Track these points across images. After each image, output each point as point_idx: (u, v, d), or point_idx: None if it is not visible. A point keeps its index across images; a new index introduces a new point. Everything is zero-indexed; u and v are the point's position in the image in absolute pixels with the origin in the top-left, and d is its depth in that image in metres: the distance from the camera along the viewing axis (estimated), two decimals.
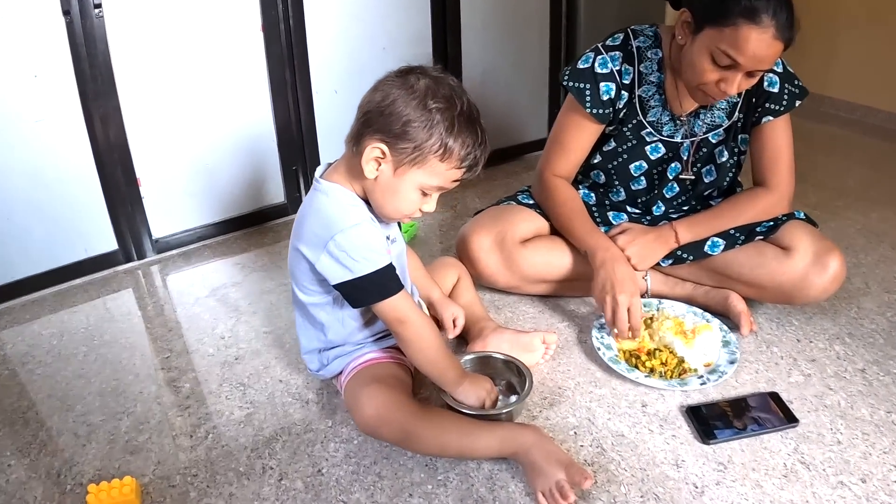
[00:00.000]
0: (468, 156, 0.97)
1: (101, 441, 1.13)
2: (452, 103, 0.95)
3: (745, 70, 1.16)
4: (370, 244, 1.00)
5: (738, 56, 1.13)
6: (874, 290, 1.54)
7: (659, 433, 1.11)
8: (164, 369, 1.32)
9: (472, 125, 0.97)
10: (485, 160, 1.01)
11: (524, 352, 1.23)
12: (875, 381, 1.23)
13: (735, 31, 1.12)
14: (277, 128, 1.86)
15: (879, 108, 2.69)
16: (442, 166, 0.97)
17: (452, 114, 0.95)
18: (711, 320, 1.34)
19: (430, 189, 1.00)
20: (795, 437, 1.09)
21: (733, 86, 1.18)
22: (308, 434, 1.13)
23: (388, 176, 0.98)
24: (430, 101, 0.94)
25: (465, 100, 0.97)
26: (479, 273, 1.43)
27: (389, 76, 0.99)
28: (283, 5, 1.74)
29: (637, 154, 1.40)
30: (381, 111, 0.95)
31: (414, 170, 0.97)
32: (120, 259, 1.74)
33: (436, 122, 0.94)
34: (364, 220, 1.01)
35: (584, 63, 1.35)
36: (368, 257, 0.99)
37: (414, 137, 0.94)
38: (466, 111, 0.96)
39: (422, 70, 0.98)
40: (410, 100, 0.94)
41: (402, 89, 0.95)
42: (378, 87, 0.98)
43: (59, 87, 1.52)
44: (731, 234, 1.35)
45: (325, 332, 1.14)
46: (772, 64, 1.16)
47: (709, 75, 1.19)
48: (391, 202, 1.01)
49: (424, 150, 0.95)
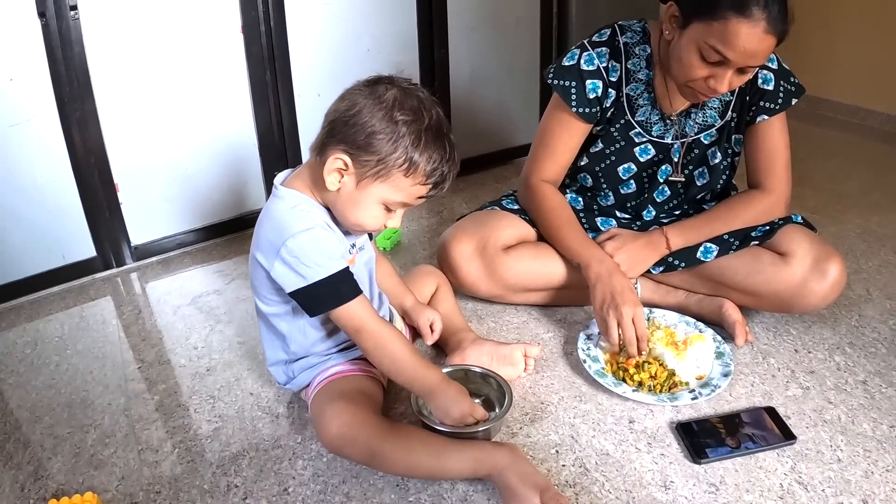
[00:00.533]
0: (434, 171, 0.94)
1: (67, 454, 1.10)
2: (420, 116, 0.93)
3: (736, 66, 1.11)
4: (322, 249, 0.96)
5: (728, 51, 1.08)
6: (876, 296, 1.49)
7: (647, 452, 1.06)
8: (134, 380, 1.29)
9: (439, 140, 0.94)
10: (453, 177, 0.98)
11: (505, 365, 1.18)
12: (877, 393, 1.18)
13: (724, 24, 1.07)
14: (258, 132, 1.82)
15: (878, 110, 2.67)
16: (406, 181, 0.94)
17: (419, 127, 0.92)
18: (704, 330, 1.28)
19: (394, 205, 0.98)
20: (793, 455, 1.04)
21: (723, 83, 1.13)
22: (276, 450, 1.09)
23: (350, 189, 0.96)
24: (396, 113, 0.91)
25: (434, 113, 0.95)
26: (459, 281, 1.38)
27: (357, 85, 0.96)
28: (263, 6, 1.70)
29: (625, 156, 1.35)
30: (346, 121, 0.93)
31: (377, 184, 0.94)
32: (98, 266, 1.71)
33: (401, 135, 0.91)
34: (317, 224, 0.97)
35: (569, 60, 1.31)
36: (321, 263, 0.96)
37: (378, 150, 0.92)
38: (435, 125, 0.94)
39: (391, 80, 0.96)
40: (377, 111, 0.92)
41: (368, 99, 0.93)
42: (345, 96, 0.96)
43: (34, 91, 1.49)
44: (725, 240, 1.30)
45: (288, 344, 1.10)
46: (764, 59, 1.11)
47: (697, 72, 1.14)
48: (353, 215, 0.98)
49: (388, 164, 0.92)
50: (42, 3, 1.44)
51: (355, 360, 1.13)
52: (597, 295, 1.23)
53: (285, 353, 1.12)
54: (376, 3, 1.88)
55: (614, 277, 1.24)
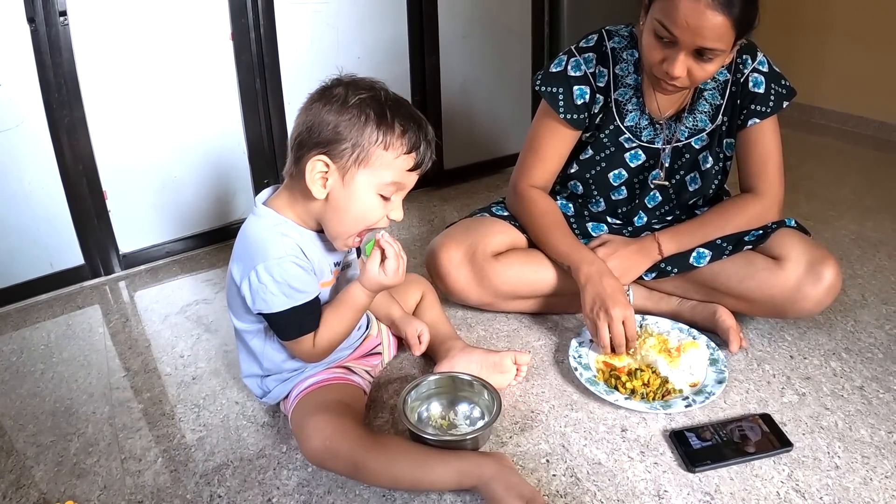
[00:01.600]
0: (410, 137, 0.94)
1: (49, 463, 1.09)
2: (375, 92, 0.94)
3: (686, 47, 1.08)
4: (290, 280, 0.96)
5: (672, 27, 1.07)
6: (871, 301, 1.48)
7: (639, 460, 1.03)
8: (119, 389, 1.28)
9: (403, 108, 0.95)
10: (433, 144, 0.98)
11: (495, 372, 1.16)
12: (874, 398, 1.16)
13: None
14: (248, 140, 1.80)
15: (871, 117, 2.67)
16: (389, 155, 0.93)
17: (377, 99, 0.93)
18: (698, 337, 1.26)
19: (387, 188, 0.96)
20: (789, 462, 1.02)
21: (675, 65, 1.10)
22: (260, 460, 1.06)
23: (338, 188, 0.95)
24: (350, 98, 0.92)
25: (388, 89, 0.96)
26: (448, 289, 1.36)
27: (307, 99, 0.97)
28: (253, 13, 1.69)
29: (616, 162, 1.34)
30: (309, 128, 0.94)
31: (362, 170, 0.94)
32: (86, 274, 1.70)
33: (364, 112, 0.92)
34: (288, 253, 0.96)
35: (556, 66, 1.30)
36: (287, 293, 0.96)
37: (348, 135, 0.92)
38: (392, 97, 0.95)
39: (336, 80, 0.97)
40: (332, 106, 0.93)
41: (320, 102, 0.94)
42: (300, 113, 0.97)
43: (23, 97, 1.48)
44: (717, 245, 1.28)
45: (261, 360, 1.09)
46: (718, 42, 1.07)
47: (653, 54, 1.13)
48: (350, 215, 0.96)
49: (364, 144, 0.92)
50: (31, 9, 1.43)
51: (334, 368, 1.11)
52: (587, 297, 1.22)
53: (259, 369, 1.10)
54: (367, 10, 1.87)
55: (605, 279, 1.22)
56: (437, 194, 2.14)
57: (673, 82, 1.14)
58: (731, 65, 1.26)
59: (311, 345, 1.01)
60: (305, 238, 1.00)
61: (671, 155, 1.33)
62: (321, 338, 1.02)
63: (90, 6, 1.50)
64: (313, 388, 1.06)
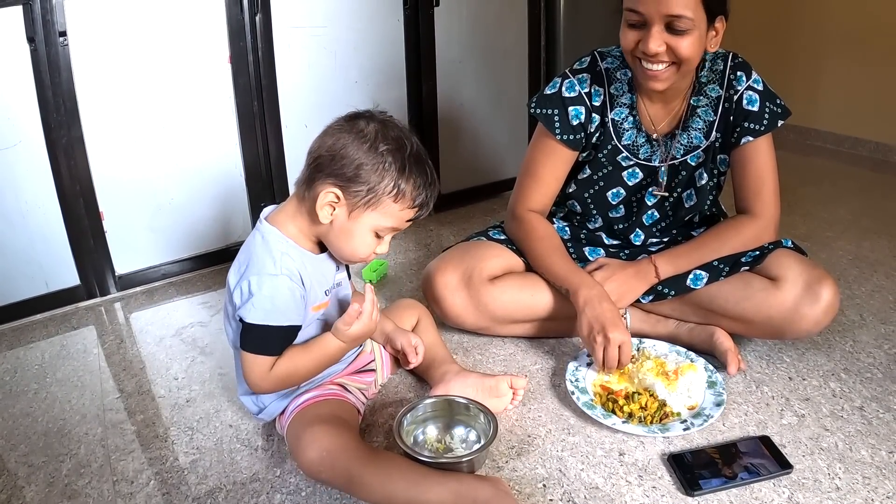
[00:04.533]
0: (420, 195, 1.01)
1: (40, 483, 1.08)
2: (402, 145, 0.99)
3: (655, 21, 1.11)
4: (276, 301, 0.98)
5: (637, 4, 1.11)
6: (870, 321, 1.47)
7: (637, 484, 1.02)
8: (113, 410, 1.27)
9: (420, 165, 1.00)
10: (435, 198, 1.04)
11: (490, 397, 1.14)
12: (875, 419, 1.15)
13: None
14: (245, 162, 1.81)
15: (867, 138, 2.68)
16: (395, 207, 1.00)
17: (403, 155, 0.98)
18: (696, 360, 1.25)
19: (384, 231, 1.03)
20: (790, 484, 1.00)
21: (649, 41, 1.13)
22: (254, 484, 1.05)
23: (342, 220, 1.00)
24: (380, 144, 0.97)
25: (414, 142, 1.01)
26: (445, 313, 1.35)
27: (338, 122, 1.01)
28: (251, 36, 1.71)
29: (614, 181, 1.34)
30: (332, 156, 0.97)
31: (368, 212, 0.99)
32: (82, 295, 1.69)
33: (388, 164, 0.97)
34: (285, 273, 0.99)
35: (551, 89, 1.31)
36: (268, 309, 0.98)
37: (367, 180, 0.97)
38: (416, 152, 1.00)
39: (370, 114, 1.01)
40: (361, 143, 0.97)
41: (351, 134, 0.98)
42: (327, 133, 1.00)
43: (21, 116, 1.49)
44: (714, 266, 1.28)
45: None
46: (682, 8, 1.10)
47: (628, 40, 1.16)
48: (348, 246, 1.02)
49: (378, 192, 0.98)
50: (31, 29, 1.45)
51: (328, 385, 1.11)
52: (584, 320, 1.21)
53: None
54: (365, 35, 1.89)
55: (603, 304, 1.21)
56: (433, 218, 2.13)
57: (654, 62, 1.16)
58: (724, 81, 1.27)
59: (266, 369, 1.00)
60: (306, 261, 1.03)
61: (668, 172, 1.33)
62: (280, 367, 1.01)
63: (90, 27, 1.52)
64: (310, 403, 1.06)
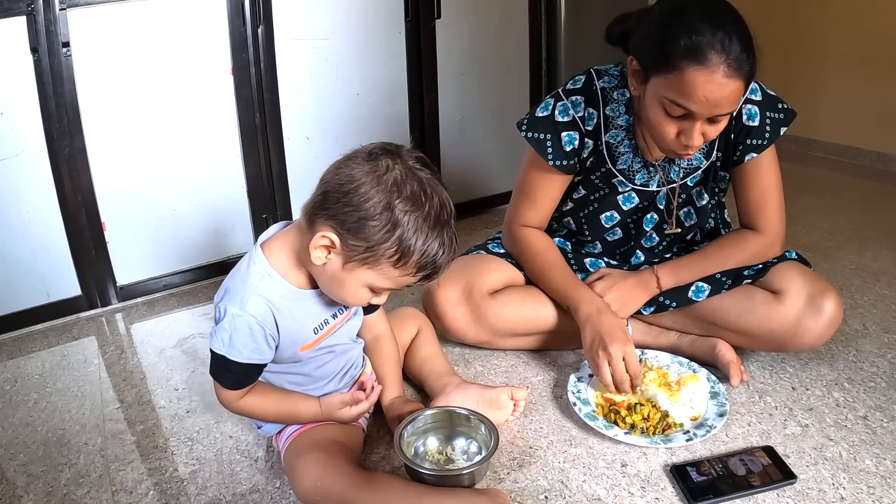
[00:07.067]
0: (427, 265, 0.89)
1: (39, 493, 1.08)
2: (419, 205, 0.86)
3: (703, 117, 1.04)
4: (233, 334, 0.92)
5: (690, 104, 1.02)
6: (872, 331, 1.46)
7: (640, 496, 1.01)
8: (112, 420, 1.27)
9: (438, 230, 0.88)
10: (448, 265, 0.92)
11: (491, 408, 1.13)
12: (879, 428, 1.14)
13: (680, 76, 1.00)
14: (247, 174, 1.81)
15: (868, 148, 2.68)
16: (395, 272, 0.89)
17: (417, 216, 0.86)
18: (698, 370, 1.25)
19: (380, 290, 0.93)
20: (794, 494, 0.99)
21: (694, 137, 1.05)
22: (253, 495, 1.05)
23: (336, 267, 0.90)
24: (394, 199, 0.85)
25: (437, 200, 0.88)
26: (446, 327, 1.34)
27: (360, 154, 0.89)
28: (253, 48, 1.72)
29: (608, 204, 1.31)
30: (340, 195, 0.86)
31: (364, 269, 0.89)
32: (83, 305, 1.70)
33: (395, 226, 0.85)
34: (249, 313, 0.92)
35: (542, 111, 1.26)
36: (225, 342, 0.93)
37: (368, 237, 0.86)
38: (435, 214, 0.87)
39: (397, 154, 0.88)
40: (373, 192, 0.85)
41: (368, 175, 0.86)
42: (343, 165, 0.89)
43: (24, 126, 1.50)
44: (717, 279, 1.27)
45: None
46: (734, 105, 1.04)
47: (666, 129, 1.07)
48: (337, 293, 0.94)
49: (377, 253, 0.87)
50: (35, 39, 1.46)
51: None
52: (586, 335, 1.20)
53: None
54: (366, 48, 1.90)
55: (604, 317, 1.20)
56: None
57: (689, 153, 1.11)
58: None
59: (233, 398, 0.99)
60: (287, 299, 0.95)
61: (666, 196, 1.30)
62: (249, 403, 1.00)
63: (93, 38, 1.53)
64: (306, 429, 1.05)
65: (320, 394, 1.06)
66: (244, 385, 0.99)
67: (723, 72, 0.99)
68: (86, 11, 1.51)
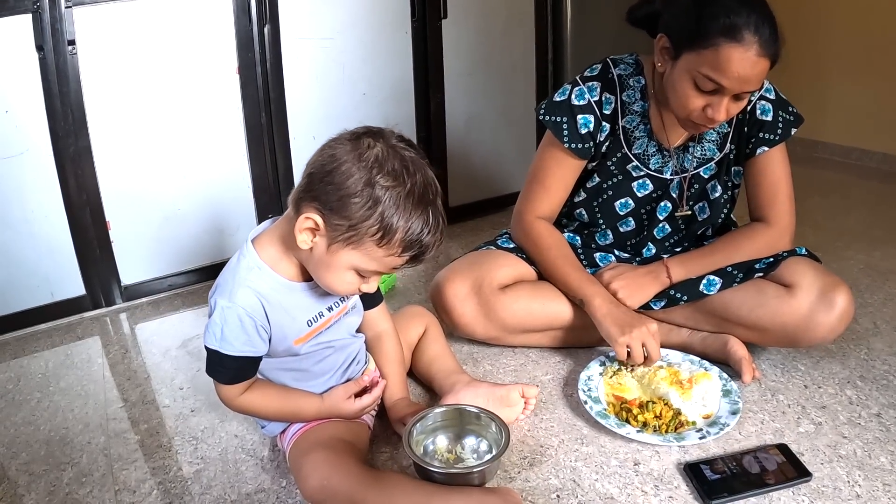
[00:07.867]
0: (412, 244, 0.87)
1: (41, 492, 1.07)
2: (401, 181, 0.85)
3: (732, 93, 1.10)
4: (224, 328, 0.92)
5: (722, 79, 1.08)
6: (883, 329, 1.45)
7: (653, 494, 0.99)
8: (116, 419, 1.26)
9: (422, 207, 0.87)
10: (436, 248, 0.91)
11: (502, 406, 1.12)
12: (893, 425, 1.13)
13: (716, 52, 1.07)
14: (253, 174, 1.81)
15: (874, 149, 2.67)
16: (380, 252, 0.88)
17: (399, 193, 0.85)
18: (710, 368, 1.23)
19: (367, 272, 0.92)
20: (809, 492, 0.98)
21: (720, 111, 1.12)
22: (259, 494, 1.03)
23: (321, 250, 0.90)
24: (376, 175, 0.84)
25: (420, 177, 0.87)
26: (454, 323, 1.33)
27: (342, 136, 0.89)
28: (259, 47, 1.72)
29: (623, 191, 1.33)
30: (322, 176, 0.86)
31: (348, 250, 0.88)
32: (87, 305, 1.69)
33: (377, 202, 0.84)
34: (239, 304, 0.92)
35: (560, 96, 1.30)
36: (218, 336, 0.93)
37: (350, 215, 0.85)
38: (419, 191, 0.86)
39: (379, 134, 0.89)
40: (355, 169, 0.85)
41: (350, 154, 0.86)
42: (326, 148, 0.89)
43: (29, 124, 1.50)
44: (728, 272, 1.26)
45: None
46: (759, 84, 1.11)
47: (694, 102, 1.13)
48: (324, 278, 0.93)
49: (360, 231, 0.86)
50: (40, 37, 1.46)
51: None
52: (612, 328, 1.20)
53: None
54: (372, 47, 1.90)
55: (622, 307, 1.23)
56: None
57: (713, 125, 1.16)
58: None
59: (233, 395, 0.99)
60: (277, 292, 0.95)
61: (679, 185, 1.32)
62: (249, 400, 1.00)
63: (98, 36, 1.53)
64: (310, 427, 1.03)
65: (321, 391, 1.05)
66: (240, 380, 0.98)
67: (756, 50, 1.06)
68: (91, 9, 1.51)
